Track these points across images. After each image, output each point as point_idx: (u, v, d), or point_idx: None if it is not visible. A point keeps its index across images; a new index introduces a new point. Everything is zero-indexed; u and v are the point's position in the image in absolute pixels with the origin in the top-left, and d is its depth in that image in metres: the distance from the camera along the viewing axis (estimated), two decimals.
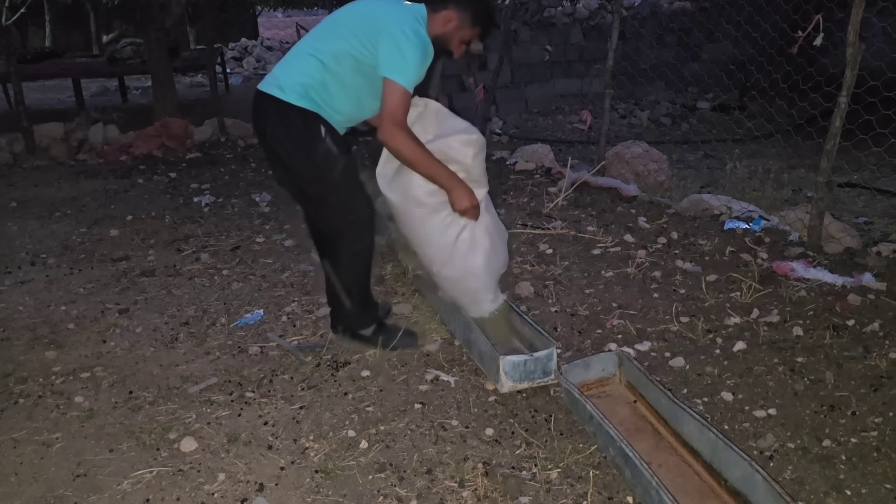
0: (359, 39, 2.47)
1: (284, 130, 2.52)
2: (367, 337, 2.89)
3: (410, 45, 2.40)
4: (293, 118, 2.49)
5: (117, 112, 8.88)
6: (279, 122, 2.52)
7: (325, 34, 2.59)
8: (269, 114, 2.54)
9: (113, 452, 2.33)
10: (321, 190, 2.61)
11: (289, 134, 2.52)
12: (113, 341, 3.10)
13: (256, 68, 15.91)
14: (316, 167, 2.55)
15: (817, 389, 2.55)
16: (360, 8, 2.60)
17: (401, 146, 2.42)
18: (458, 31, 2.62)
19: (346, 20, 2.57)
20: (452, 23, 2.60)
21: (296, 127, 2.50)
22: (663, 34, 10.34)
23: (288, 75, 2.54)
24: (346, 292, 2.79)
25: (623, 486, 2.09)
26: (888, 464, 2.14)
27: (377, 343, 2.88)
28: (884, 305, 3.11)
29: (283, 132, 2.52)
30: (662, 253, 3.85)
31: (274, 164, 2.70)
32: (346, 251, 2.70)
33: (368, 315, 2.89)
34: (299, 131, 2.51)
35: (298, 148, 2.53)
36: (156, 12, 7.60)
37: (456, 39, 2.64)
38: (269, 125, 2.55)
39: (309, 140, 2.51)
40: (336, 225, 2.65)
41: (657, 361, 2.80)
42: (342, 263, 2.74)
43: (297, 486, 2.15)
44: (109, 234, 4.52)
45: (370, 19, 2.49)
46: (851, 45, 3.48)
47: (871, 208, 4.94)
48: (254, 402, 2.60)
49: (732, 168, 5.59)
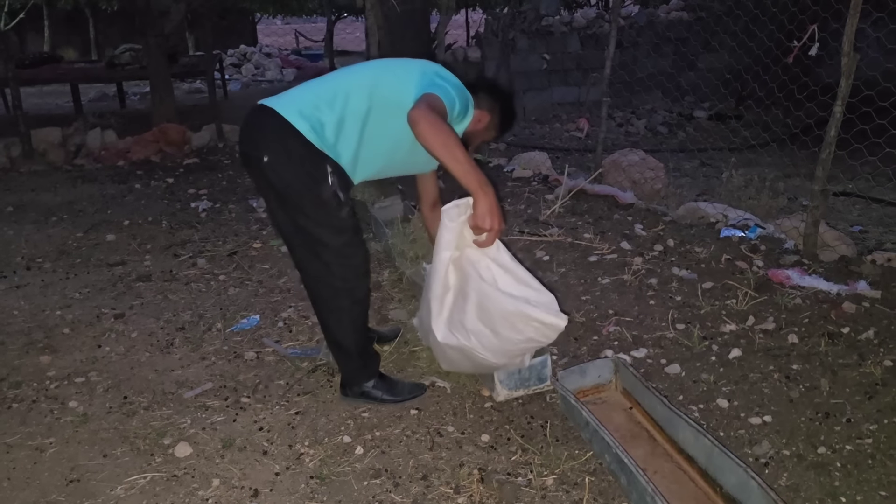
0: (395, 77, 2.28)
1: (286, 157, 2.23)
2: (378, 397, 2.57)
3: (451, 86, 2.24)
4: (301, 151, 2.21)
5: (115, 117, 8.88)
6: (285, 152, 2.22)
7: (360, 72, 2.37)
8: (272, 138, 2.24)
9: (107, 458, 2.32)
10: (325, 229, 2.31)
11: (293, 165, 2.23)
12: (108, 346, 3.10)
13: (255, 75, 15.95)
14: (323, 203, 2.25)
15: (812, 396, 2.55)
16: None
17: (431, 125, 2.01)
18: (485, 131, 2.52)
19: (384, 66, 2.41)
20: (482, 123, 2.48)
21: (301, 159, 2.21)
22: (660, 43, 10.37)
23: (305, 104, 2.26)
24: (345, 344, 2.50)
25: (619, 492, 2.09)
26: (883, 471, 2.14)
27: (392, 399, 2.58)
28: (878, 313, 3.12)
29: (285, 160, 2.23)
30: (659, 260, 3.86)
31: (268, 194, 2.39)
32: (348, 298, 2.40)
33: (368, 369, 2.58)
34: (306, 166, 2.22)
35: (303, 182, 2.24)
36: (155, 18, 7.62)
37: (479, 139, 2.53)
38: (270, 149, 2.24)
39: (317, 176, 2.23)
40: (339, 272, 2.35)
41: (653, 368, 2.80)
42: (344, 311, 2.42)
43: (292, 492, 2.14)
44: (106, 238, 4.52)
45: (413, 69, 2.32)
46: (846, 56, 3.49)
47: (866, 217, 4.95)
48: (249, 407, 2.59)
49: (728, 176, 5.59)
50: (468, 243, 2.22)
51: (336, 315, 2.44)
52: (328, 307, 2.44)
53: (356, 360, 2.54)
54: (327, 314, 2.47)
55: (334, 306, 2.42)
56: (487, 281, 2.20)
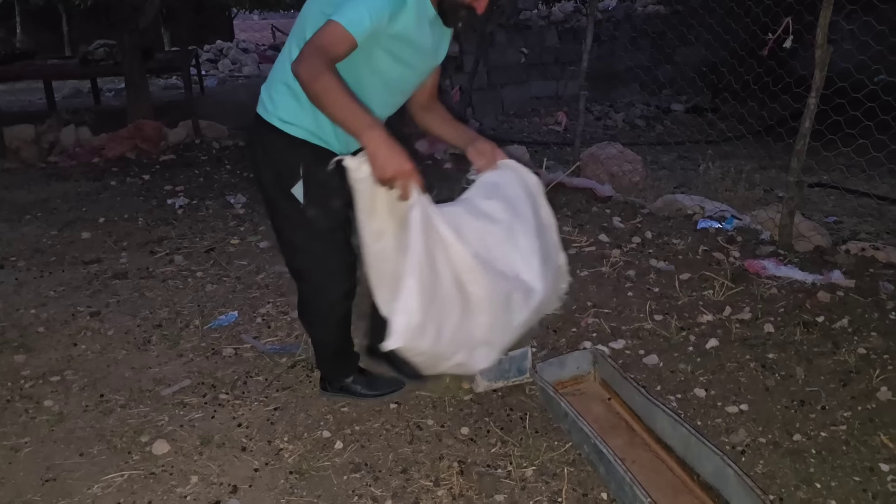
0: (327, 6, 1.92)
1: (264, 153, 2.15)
2: (358, 391, 2.54)
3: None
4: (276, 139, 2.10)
5: (90, 114, 8.75)
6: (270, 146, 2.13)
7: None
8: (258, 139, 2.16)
9: (83, 456, 2.30)
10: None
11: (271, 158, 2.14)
12: (84, 344, 3.06)
13: (232, 70, 15.79)
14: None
15: (788, 385, 2.58)
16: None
17: (310, 74, 1.73)
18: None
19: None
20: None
21: (278, 150, 2.11)
22: (638, 37, 10.42)
23: (268, 88, 2.15)
24: (325, 341, 2.48)
25: (597, 482, 2.10)
26: (857, 456, 2.18)
27: (372, 393, 2.55)
28: (852, 302, 3.16)
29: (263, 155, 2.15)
30: (637, 252, 3.88)
31: None
32: (321, 302, 2.34)
33: (348, 365, 2.56)
34: (283, 155, 2.11)
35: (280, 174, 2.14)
36: (128, 13, 7.52)
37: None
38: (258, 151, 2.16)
39: (294, 165, 2.10)
40: (312, 276, 2.29)
41: (631, 359, 2.82)
42: (323, 308, 2.37)
43: (271, 488, 2.13)
44: (81, 236, 4.46)
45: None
46: (820, 48, 3.53)
47: (841, 208, 5.02)
48: (227, 403, 2.58)
49: (705, 169, 5.66)
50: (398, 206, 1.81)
51: (317, 312, 2.41)
52: (308, 306, 2.41)
53: (336, 356, 2.52)
54: (307, 311, 2.43)
55: (314, 306, 2.39)
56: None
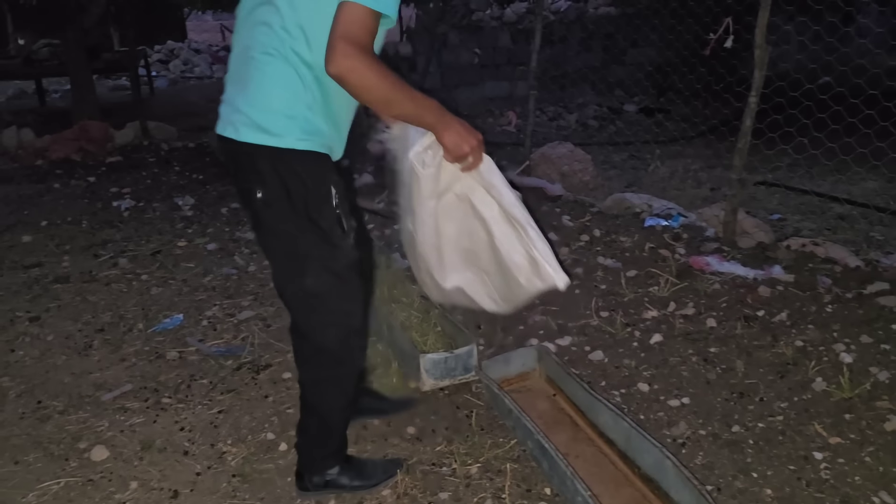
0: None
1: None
2: (347, 485, 2.07)
3: None
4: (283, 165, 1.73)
5: (33, 115, 8.54)
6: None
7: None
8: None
9: (18, 464, 2.24)
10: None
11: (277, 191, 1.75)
12: (22, 350, 2.98)
13: (183, 71, 15.54)
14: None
15: (728, 378, 2.64)
16: None
17: (365, 72, 1.53)
18: None
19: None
20: None
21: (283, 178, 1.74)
22: (589, 39, 10.54)
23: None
24: (318, 419, 2.01)
25: (541, 477, 2.12)
26: (792, 446, 2.23)
27: (364, 484, 2.09)
28: (791, 296, 3.24)
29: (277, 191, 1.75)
30: (585, 250, 3.93)
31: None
32: (330, 368, 1.94)
33: (338, 453, 2.09)
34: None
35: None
36: (73, 12, 7.34)
37: None
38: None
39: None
40: (325, 334, 1.88)
41: (577, 355, 2.85)
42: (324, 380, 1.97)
43: (213, 492, 2.10)
44: (22, 240, 4.34)
45: None
46: (759, 48, 3.62)
47: (785, 205, 5.13)
48: (170, 407, 2.53)
49: (655, 168, 5.75)
50: (457, 178, 1.88)
51: (337, 378, 1.98)
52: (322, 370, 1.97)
53: (334, 438, 2.06)
54: (322, 379, 1.98)
55: (334, 370, 1.97)
56: (489, 220, 1.91)
